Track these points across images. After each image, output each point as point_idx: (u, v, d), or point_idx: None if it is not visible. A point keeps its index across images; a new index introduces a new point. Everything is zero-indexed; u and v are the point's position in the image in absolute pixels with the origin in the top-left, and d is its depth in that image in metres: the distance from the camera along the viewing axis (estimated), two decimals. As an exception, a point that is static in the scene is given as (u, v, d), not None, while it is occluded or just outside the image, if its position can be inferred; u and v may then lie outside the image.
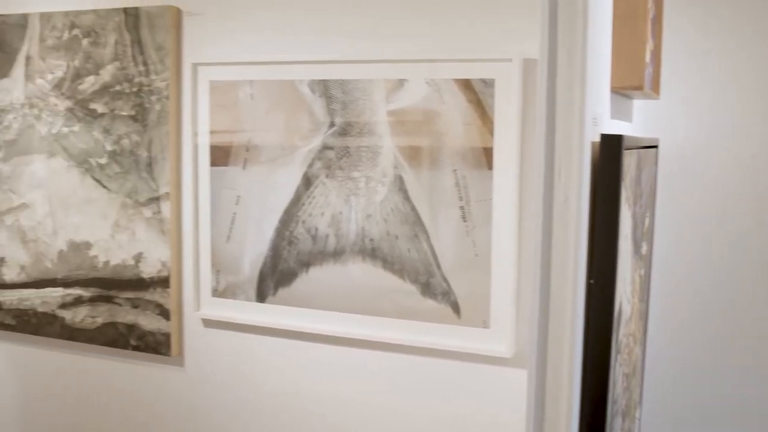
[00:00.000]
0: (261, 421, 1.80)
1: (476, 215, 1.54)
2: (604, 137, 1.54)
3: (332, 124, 1.64)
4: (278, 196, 1.70)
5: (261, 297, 1.74)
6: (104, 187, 1.89)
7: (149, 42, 1.80)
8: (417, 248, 1.59)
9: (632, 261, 1.74)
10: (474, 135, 1.53)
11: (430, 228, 1.58)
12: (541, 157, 1.49)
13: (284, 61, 1.67)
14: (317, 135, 1.65)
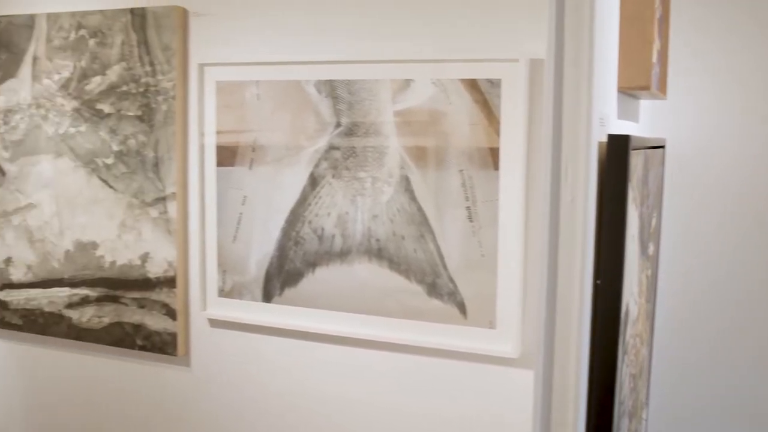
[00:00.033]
0: (267, 421, 1.80)
1: (482, 215, 1.54)
2: (611, 137, 1.54)
3: (338, 125, 1.64)
4: (284, 197, 1.71)
5: (267, 297, 1.74)
6: (111, 187, 1.89)
7: (156, 42, 1.80)
8: (423, 248, 1.59)
9: (639, 261, 1.74)
10: (480, 135, 1.52)
11: (437, 228, 1.58)
12: (548, 158, 1.49)
13: (290, 62, 1.67)
14: (323, 135, 1.65)
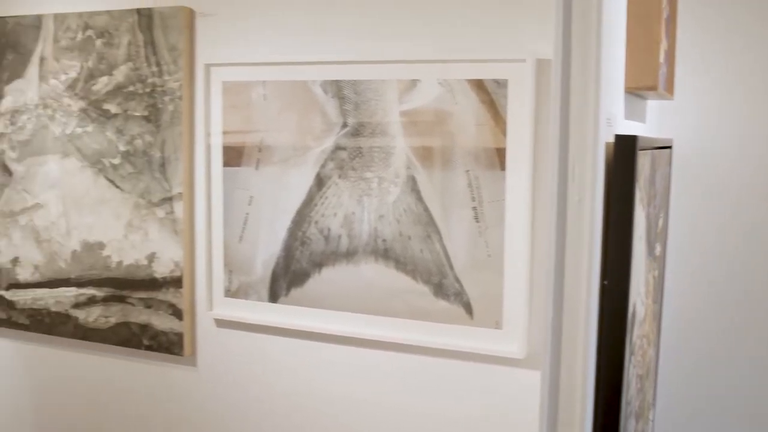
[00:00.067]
0: (273, 421, 1.80)
1: (489, 216, 1.54)
2: (619, 138, 1.54)
3: (345, 125, 1.64)
4: (291, 197, 1.71)
5: (273, 297, 1.75)
6: (117, 188, 1.89)
7: (162, 43, 1.81)
8: (430, 249, 1.59)
9: (646, 262, 1.73)
10: (487, 135, 1.52)
11: (443, 228, 1.58)
12: (555, 158, 1.49)
13: (297, 62, 1.67)
14: (330, 135, 1.65)
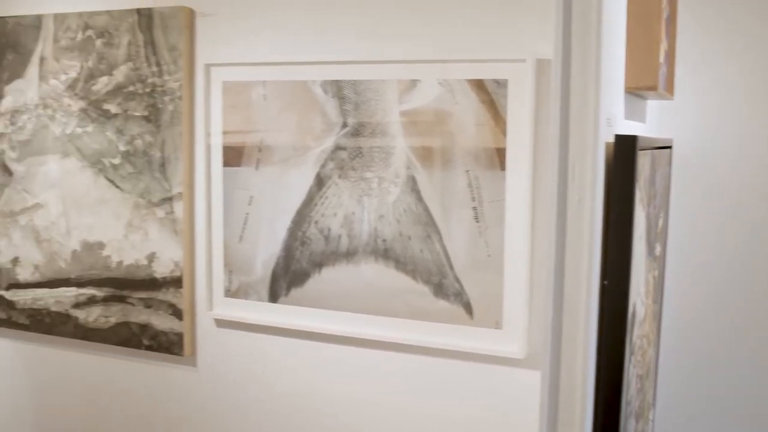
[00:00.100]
0: (273, 422, 1.80)
1: (489, 216, 1.54)
2: (619, 138, 1.54)
3: (345, 125, 1.64)
4: (291, 197, 1.71)
5: (273, 297, 1.75)
6: (117, 188, 1.89)
7: (162, 43, 1.81)
8: (430, 249, 1.59)
9: (646, 262, 1.74)
10: (487, 135, 1.52)
11: (443, 228, 1.58)
12: (555, 158, 1.49)
13: (297, 62, 1.67)
14: (330, 135, 1.66)
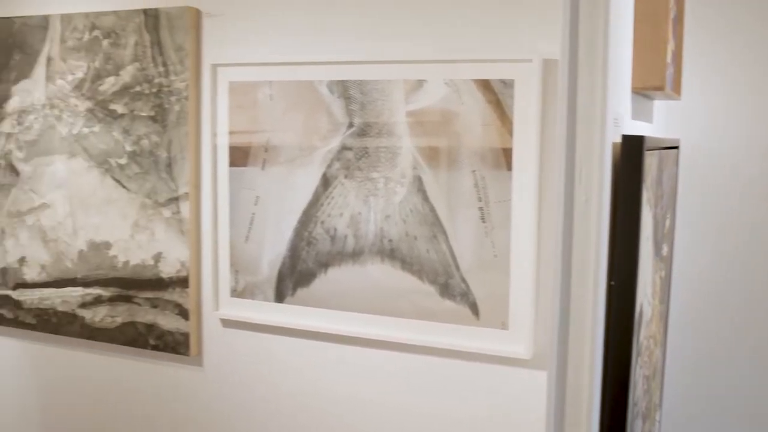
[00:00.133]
0: (279, 421, 1.80)
1: (495, 216, 1.53)
2: (626, 138, 1.53)
3: (351, 125, 1.64)
4: (297, 197, 1.71)
5: (279, 297, 1.75)
6: (124, 188, 1.90)
7: (169, 43, 1.81)
8: (436, 249, 1.59)
9: (653, 262, 1.73)
10: (493, 136, 1.52)
11: (449, 229, 1.57)
12: (562, 158, 1.48)
13: (303, 62, 1.67)
14: (336, 135, 1.65)
